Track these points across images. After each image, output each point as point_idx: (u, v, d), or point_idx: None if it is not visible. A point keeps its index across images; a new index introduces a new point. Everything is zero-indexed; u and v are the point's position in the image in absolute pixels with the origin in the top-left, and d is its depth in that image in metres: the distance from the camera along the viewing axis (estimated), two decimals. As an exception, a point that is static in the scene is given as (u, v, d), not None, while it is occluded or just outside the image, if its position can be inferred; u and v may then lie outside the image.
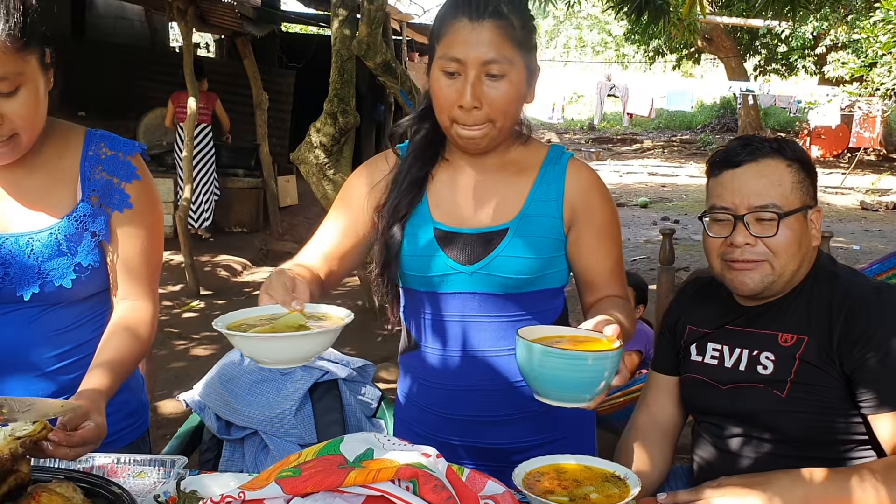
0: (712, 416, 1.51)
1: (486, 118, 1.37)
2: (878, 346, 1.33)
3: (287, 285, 1.21)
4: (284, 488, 0.90)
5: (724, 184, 1.44)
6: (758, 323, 1.47)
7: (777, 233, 1.39)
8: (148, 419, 1.66)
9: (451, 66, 1.35)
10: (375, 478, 0.89)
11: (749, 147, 1.43)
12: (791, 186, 1.41)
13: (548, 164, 1.48)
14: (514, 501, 0.99)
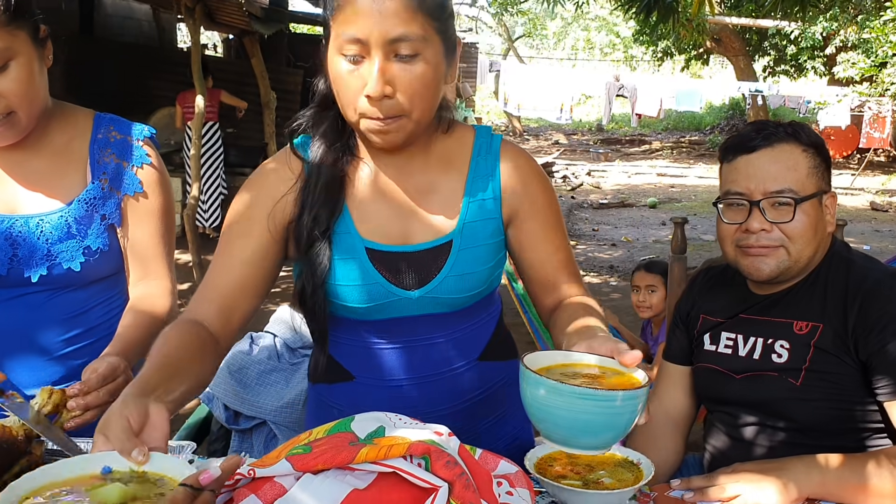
0: (726, 405, 1.49)
1: (400, 108, 1.14)
2: (894, 333, 1.31)
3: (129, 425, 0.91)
4: (295, 465, 0.89)
5: (738, 169, 1.42)
6: (772, 311, 1.45)
7: (793, 218, 1.37)
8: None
9: (350, 47, 1.11)
10: (387, 454, 0.87)
11: (764, 132, 1.41)
12: (807, 171, 1.40)
13: (478, 153, 1.30)
14: (526, 480, 0.98)
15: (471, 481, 0.87)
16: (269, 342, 1.95)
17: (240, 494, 0.89)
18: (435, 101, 1.20)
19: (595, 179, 14.04)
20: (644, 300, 3.29)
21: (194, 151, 6.25)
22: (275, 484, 0.89)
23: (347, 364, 1.32)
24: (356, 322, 1.28)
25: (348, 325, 1.29)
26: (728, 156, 1.45)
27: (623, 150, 18.84)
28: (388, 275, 1.24)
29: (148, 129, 1.51)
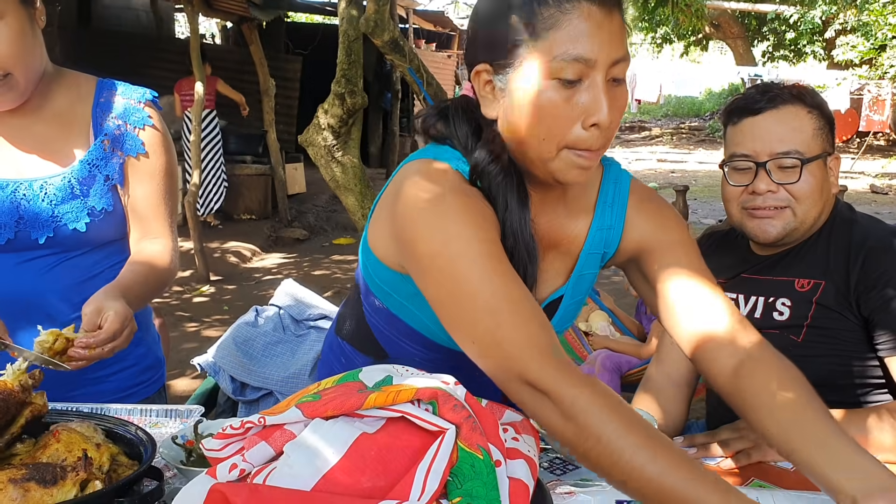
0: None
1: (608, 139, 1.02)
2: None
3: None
4: (304, 412, 0.90)
5: (743, 131, 1.42)
6: (773, 270, 1.46)
7: (800, 179, 1.38)
8: (164, 375, 1.67)
9: (572, 68, 0.97)
10: (395, 399, 0.89)
11: (768, 94, 1.41)
12: (812, 133, 1.40)
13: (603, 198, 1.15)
14: (531, 428, 0.99)
15: (477, 424, 0.88)
16: (274, 314, 1.96)
17: (250, 442, 0.91)
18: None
19: (595, 166, 14.03)
20: None
21: (194, 138, 6.25)
22: (285, 431, 0.91)
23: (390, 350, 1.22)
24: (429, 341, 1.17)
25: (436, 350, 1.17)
26: (733, 118, 1.45)
27: (623, 136, 18.81)
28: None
29: (150, 92, 1.52)
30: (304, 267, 6.61)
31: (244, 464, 0.89)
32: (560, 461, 1.24)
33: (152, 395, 1.61)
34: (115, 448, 1.10)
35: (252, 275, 6.42)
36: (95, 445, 1.07)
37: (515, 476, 0.89)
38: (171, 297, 5.60)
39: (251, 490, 0.81)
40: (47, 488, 0.97)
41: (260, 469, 0.88)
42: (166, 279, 1.49)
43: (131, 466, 1.08)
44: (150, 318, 1.66)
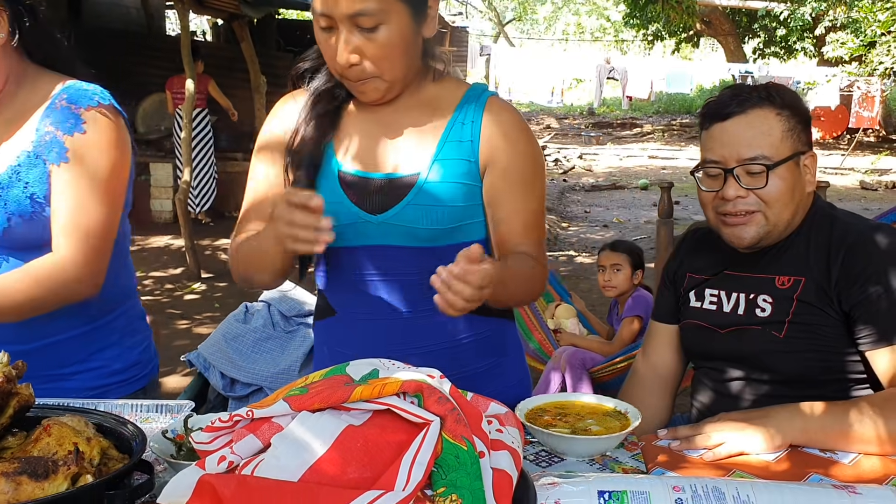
0: (712, 360, 1.53)
1: (370, 73, 1.26)
2: (877, 283, 1.34)
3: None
4: (292, 405, 0.92)
5: (713, 137, 1.43)
6: (755, 267, 1.48)
7: (767, 184, 1.38)
8: (147, 377, 1.66)
9: (322, 21, 1.24)
10: (381, 392, 0.90)
11: (738, 98, 1.41)
12: (781, 135, 1.40)
13: (466, 101, 1.36)
14: (516, 420, 1.01)
15: (462, 416, 0.90)
16: (263, 311, 1.97)
17: (238, 435, 0.92)
18: (406, 59, 1.29)
19: (587, 162, 14.07)
20: (609, 279, 3.32)
21: (185, 135, 6.24)
22: (273, 424, 0.92)
23: (332, 300, 1.42)
24: (336, 250, 1.36)
25: (330, 253, 1.37)
26: (705, 123, 1.45)
27: (615, 133, 18.85)
28: (355, 197, 1.33)
29: (101, 95, 1.44)
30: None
31: (232, 456, 0.91)
32: (546, 454, 1.26)
33: (145, 386, 1.62)
34: (105, 442, 1.11)
35: (244, 272, 6.42)
36: (86, 439, 1.08)
37: (499, 467, 0.91)
38: (162, 295, 5.60)
39: (239, 481, 0.82)
40: (39, 482, 0.98)
41: (248, 461, 0.90)
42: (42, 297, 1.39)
43: (122, 460, 1.09)
44: (136, 320, 1.64)
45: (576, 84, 22.27)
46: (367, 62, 1.25)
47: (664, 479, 1.00)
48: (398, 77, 1.30)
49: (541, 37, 32.92)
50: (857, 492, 0.99)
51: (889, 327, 1.34)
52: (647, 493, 0.97)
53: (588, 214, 9.30)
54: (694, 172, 1.48)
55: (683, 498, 0.97)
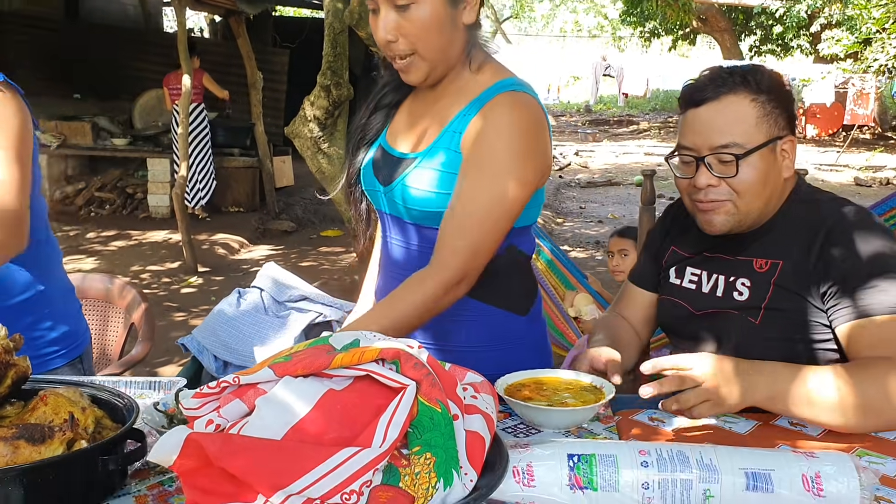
0: (686, 340, 1.53)
1: (406, 50, 1.36)
2: (855, 263, 1.32)
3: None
4: (276, 371, 0.96)
5: (687, 123, 1.42)
6: (736, 250, 1.47)
7: (737, 173, 1.36)
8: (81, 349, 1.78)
9: (370, 3, 1.37)
10: (360, 359, 0.95)
11: (714, 83, 1.39)
12: (755, 121, 1.37)
13: (484, 95, 1.38)
14: (491, 389, 1.06)
15: (437, 381, 0.95)
16: (255, 297, 2.02)
17: (225, 400, 0.97)
18: (441, 39, 1.36)
19: (583, 159, 14.11)
20: (618, 264, 3.39)
21: (181, 130, 6.29)
22: (258, 389, 0.97)
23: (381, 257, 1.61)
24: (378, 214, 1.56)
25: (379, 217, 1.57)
26: (682, 107, 1.44)
27: (611, 130, 18.90)
28: (377, 167, 1.51)
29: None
30: (292, 259, 6.66)
31: (219, 419, 0.96)
32: (524, 426, 1.31)
33: (62, 367, 1.71)
34: (99, 412, 1.16)
35: (240, 266, 6.47)
36: (81, 409, 1.13)
37: (472, 429, 0.96)
38: (159, 288, 5.65)
39: (224, 438, 0.87)
40: (36, 446, 1.03)
41: (234, 423, 0.95)
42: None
43: (115, 429, 1.14)
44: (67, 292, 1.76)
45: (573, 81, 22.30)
46: (402, 39, 1.35)
47: (631, 444, 1.04)
48: (434, 57, 1.37)
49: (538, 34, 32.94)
50: (815, 456, 1.04)
51: (862, 304, 1.32)
52: (615, 456, 1.02)
53: (583, 210, 9.34)
54: (668, 158, 1.47)
55: (649, 461, 1.01)
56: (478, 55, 1.42)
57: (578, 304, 3.48)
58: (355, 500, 0.85)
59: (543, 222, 8.16)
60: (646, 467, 1.01)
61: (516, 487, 1.01)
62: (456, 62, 1.41)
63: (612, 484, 1.00)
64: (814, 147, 14.85)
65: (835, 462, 1.03)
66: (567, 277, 3.60)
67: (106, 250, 6.65)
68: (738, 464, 1.02)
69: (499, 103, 1.36)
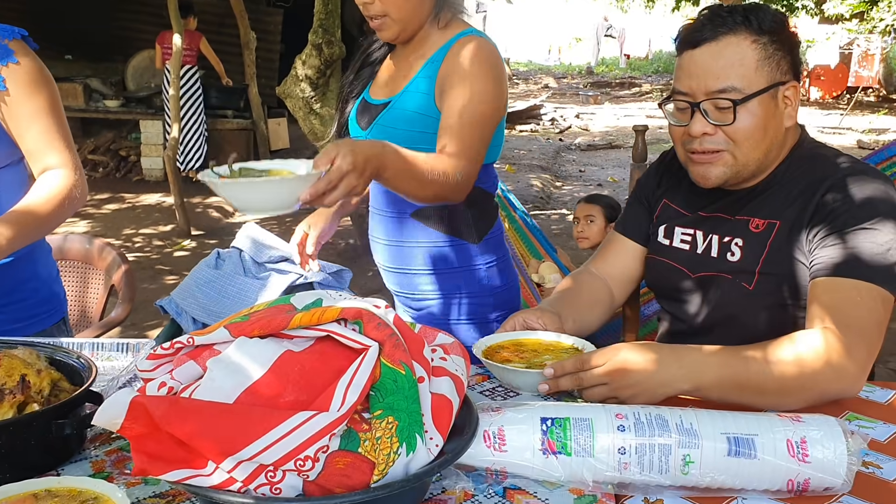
0: (677, 302, 1.47)
1: (380, 12, 1.53)
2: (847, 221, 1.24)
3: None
4: (232, 332, 0.91)
5: (683, 66, 1.33)
6: (733, 208, 1.39)
7: (735, 120, 1.28)
8: (64, 309, 1.77)
9: None
10: (320, 319, 0.90)
11: (712, 22, 1.30)
12: (755, 65, 1.28)
13: (449, 43, 1.55)
14: (462, 350, 1.01)
15: (401, 341, 0.90)
16: (235, 257, 1.96)
17: (179, 361, 0.92)
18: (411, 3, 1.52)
19: (584, 122, 13.95)
20: (583, 230, 3.31)
21: (173, 92, 6.17)
22: (213, 350, 0.92)
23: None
24: None
25: None
26: (678, 49, 1.35)
27: (612, 92, 18.68)
28: (359, 118, 1.69)
29: (19, 30, 1.55)
30: (287, 222, 6.58)
31: (172, 381, 0.91)
32: (501, 390, 1.26)
33: (49, 328, 1.69)
34: (56, 374, 1.11)
35: (233, 230, 6.39)
36: (37, 371, 1.09)
37: (439, 392, 0.91)
38: (151, 252, 5.60)
39: (171, 402, 0.82)
40: (-17, 410, 0.98)
41: (187, 386, 0.90)
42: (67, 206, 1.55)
43: (73, 392, 1.10)
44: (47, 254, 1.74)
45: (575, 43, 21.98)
46: (377, 2, 1.51)
47: (608, 407, 1.00)
48: (403, 17, 1.54)
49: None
50: (801, 420, 0.99)
51: (842, 262, 1.23)
52: (590, 420, 0.97)
53: (583, 174, 9.25)
54: (662, 105, 1.38)
55: (626, 425, 0.97)
56: (446, 15, 1.58)
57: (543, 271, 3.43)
58: (310, 466, 0.80)
59: (542, 185, 8.08)
60: (622, 431, 0.96)
61: (487, 452, 0.97)
62: (425, 21, 1.58)
63: (587, 449, 0.96)
64: (817, 109, 14.64)
65: (821, 426, 0.98)
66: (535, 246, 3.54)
67: (99, 213, 6.58)
68: (719, 428, 0.97)
69: (466, 42, 1.53)
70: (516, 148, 10.62)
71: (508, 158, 9.56)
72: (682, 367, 1.14)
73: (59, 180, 1.55)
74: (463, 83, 1.49)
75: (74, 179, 1.56)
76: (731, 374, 1.14)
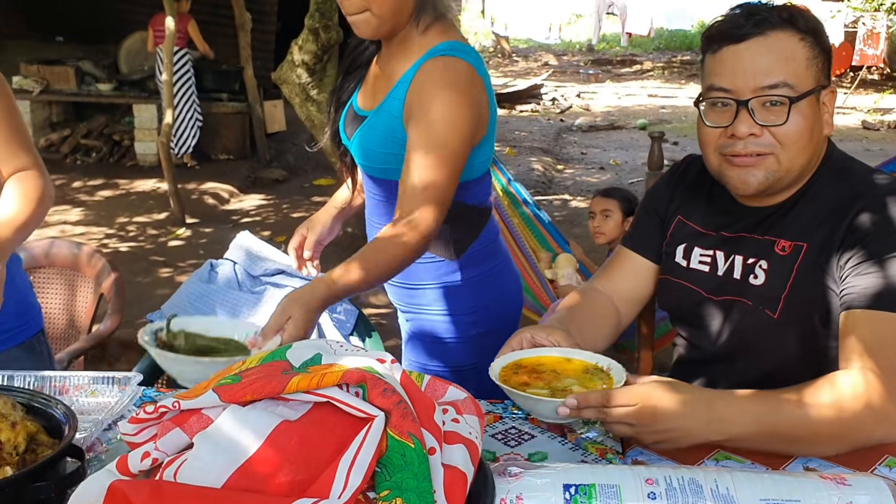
0: (696, 328, 1.36)
1: (360, 7, 1.43)
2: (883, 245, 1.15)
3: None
4: (222, 396, 0.82)
5: (724, 62, 1.21)
6: (757, 228, 1.29)
7: (787, 120, 1.18)
8: (40, 321, 1.69)
9: None
10: (320, 383, 0.81)
11: (755, 17, 1.19)
12: (805, 63, 1.19)
13: (420, 60, 1.46)
14: (476, 407, 0.92)
15: (409, 409, 0.81)
16: (228, 270, 1.87)
17: (164, 428, 0.83)
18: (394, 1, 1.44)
19: (584, 101, 13.77)
20: (599, 225, 3.22)
21: (165, 76, 6.03)
22: (202, 416, 0.83)
23: None
24: None
25: None
26: (713, 45, 1.23)
27: (614, 70, 18.46)
28: (346, 124, 1.63)
29: None
30: (284, 209, 6.49)
31: (157, 452, 0.82)
32: (515, 432, 1.17)
33: (25, 342, 1.61)
34: (33, 426, 1.02)
35: (230, 217, 6.29)
36: (11, 424, 1.00)
37: (452, 463, 0.82)
38: (145, 241, 5.49)
39: (153, 488, 0.74)
40: (-50, 476, 0.89)
41: (173, 459, 0.81)
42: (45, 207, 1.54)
43: (52, 445, 1.01)
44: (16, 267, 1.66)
45: (575, 19, 21.70)
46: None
47: (635, 471, 0.91)
48: (384, 14, 1.43)
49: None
50: (847, 483, 0.91)
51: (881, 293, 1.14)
52: (618, 487, 0.89)
53: (584, 156, 9.11)
54: (698, 104, 1.26)
55: (657, 492, 0.88)
56: (426, 17, 1.48)
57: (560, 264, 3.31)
58: (310, 560, 0.71)
59: (543, 170, 7.96)
60: (653, 499, 0.88)
61: (504, 522, 0.88)
62: (405, 22, 1.47)
63: (615, 519, 0.87)
64: (820, 88, 14.44)
65: (869, 490, 0.90)
66: (547, 240, 3.44)
67: (92, 201, 6.46)
68: (759, 493, 0.89)
69: (432, 65, 1.43)
70: (517, 129, 10.48)
71: (509, 140, 9.43)
72: (713, 420, 1.05)
73: (33, 181, 1.53)
74: (426, 117, 1.41)
75: (45, 181, 1.55)
76: (766, 426, 1.06)
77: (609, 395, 1.04)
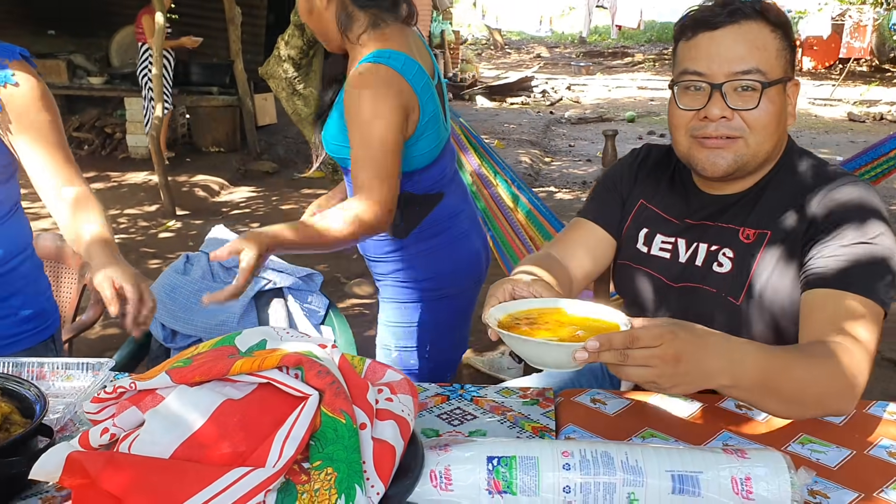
0: (653, 316, 1.40)
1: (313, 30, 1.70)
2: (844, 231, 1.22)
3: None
4: (173, 377, 0.91)
5: (699, 47, 1.27)
6: (721, 216, 1.34)
7: (758, 105, 1.24)
8: (55, 324, 1.70)
9: None
10: (261, 365, 0.90)
11: (729, 7, 1.26)
12: (776, 53, 1.26)
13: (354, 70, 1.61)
14: (410, 386, 1.01)
15: (342, 388, 0.90)
16: (203, 262, 1.95)
17: (121, 407, 0.92)
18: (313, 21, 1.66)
19: (575, 94, 13.84)
20: None
21: (155, 71, 6.08)
22: (156, 396, 0.92)
23: None
24: None
25: None
26: (686, 33, 1.29)
27: (605, 62, 18.52)
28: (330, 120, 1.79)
29: (20, 50, 1.51)
30: (273, 201, 6.56)
31: (114, 428, 0.91)
32: (460, 412, 1.26)
33: (37, 346, 1.63)
34: (7, 407, 1.11)
35: (220, 209, 6.37)
36: (-14, 406, 1.08)
37: (382, 437, 0.91)
38: (136, 234, 5.57)
39: (108, 458, 0.82)
40: (-72, 452, 0.98)
41: (128, 434, 0.90)
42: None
43: (24, 425, 1.09)
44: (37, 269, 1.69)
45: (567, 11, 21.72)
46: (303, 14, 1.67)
47: (553, 444, 1.00)
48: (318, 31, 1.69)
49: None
50: (747, 456, 1.00)
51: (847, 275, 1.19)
52: (536, 459, 0.97)
53: (572, 148, 9.19)
54: (672, 86, 1.31)
55: (572, 463, 0.97)
56: (356, 30, 1.64)
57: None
58: (247, 522, 0.80)
59: (531, 161, 8.03)
60: (568, 470, 0.97)
61: (433, 491, 0.97)
62: (339, 38, 1.66)
63: (532, 488, 0.96)
64: (809, 80, 14.56)
65: (767, 462, 0.99)
66: (546, 229, 3.53)
67: (83, 193, 6.53)
68: (665, 465, 0.98)
69: (351, 76, 1.60)
70: (506, 122, 10.54)
71: (498, 133, 9.50)
72: (730, 362, 1.02)
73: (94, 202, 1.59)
74: (352, 119, 1.58)
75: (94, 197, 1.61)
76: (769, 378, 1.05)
77: (634, 336, 0.96)
